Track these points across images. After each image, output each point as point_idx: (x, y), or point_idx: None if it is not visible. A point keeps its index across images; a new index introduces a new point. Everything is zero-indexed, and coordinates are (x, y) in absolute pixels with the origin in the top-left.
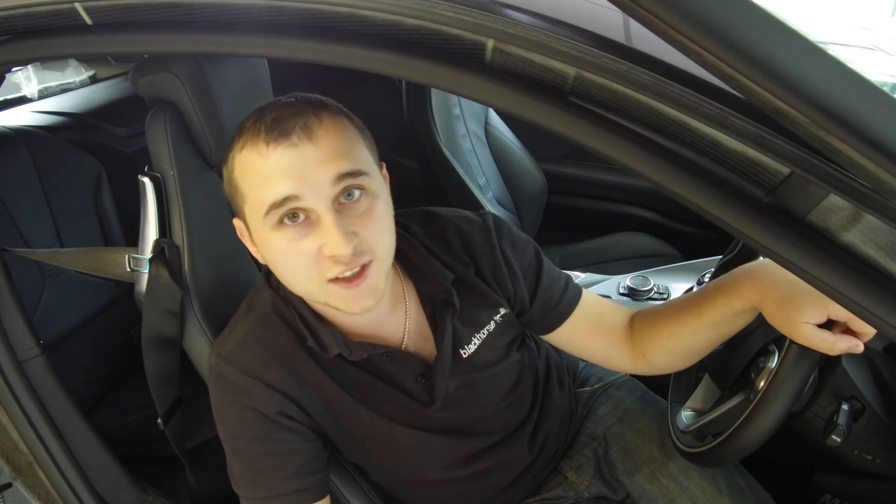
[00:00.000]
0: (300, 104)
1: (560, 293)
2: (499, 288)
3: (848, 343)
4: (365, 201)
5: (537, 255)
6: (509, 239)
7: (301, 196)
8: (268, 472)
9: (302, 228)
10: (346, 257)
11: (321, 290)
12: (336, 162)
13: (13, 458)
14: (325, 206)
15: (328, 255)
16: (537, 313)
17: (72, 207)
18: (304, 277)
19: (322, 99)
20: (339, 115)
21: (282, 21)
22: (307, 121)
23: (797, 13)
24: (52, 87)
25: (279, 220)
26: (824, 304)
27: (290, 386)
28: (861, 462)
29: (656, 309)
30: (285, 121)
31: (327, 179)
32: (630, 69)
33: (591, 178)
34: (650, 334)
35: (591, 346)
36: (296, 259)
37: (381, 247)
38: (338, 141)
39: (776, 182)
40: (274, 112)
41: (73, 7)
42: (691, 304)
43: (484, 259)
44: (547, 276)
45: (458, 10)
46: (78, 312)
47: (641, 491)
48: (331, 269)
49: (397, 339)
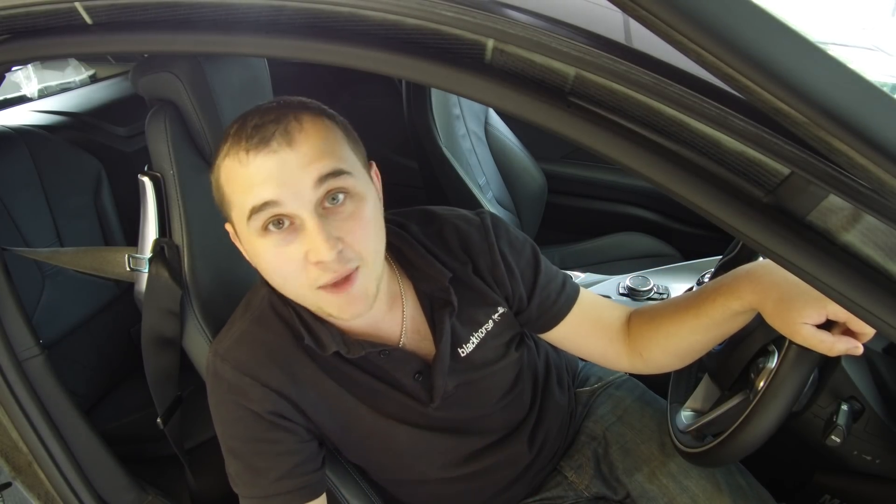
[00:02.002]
0: (281, 108)
1: (557, 292)
2: (497, 287)
3: (847, 344)
4: (350, 205)
5: (535, 253)
6: (507, 238)
7: (281, 202)
8: (263, 472)
9: (287, 234)
10: (332, 263)
11: (313, 296)
12: (316, 164)
13: (13, 457)
14: (308, 212)
15: (313, 261)
16: (535, 312)
17: (72, 207)
18: (294, 283)
19: (304, 101)
20: (321, 116)
21: (282, 21)
22: (287, 126)
23: (797, 13)
24: (52, 87)
25: (264, 227)
26: (823, 305)
27: (287, 385)
28: (861, 462)
29: (654, 308)
30: (265, 127)
31: (308, 183)
32: (630, 69)
33: (591, 178)
34: (648, 333)
35: (589, 344)
36: (284, 265)
37: (368, 252)
38: (318, 142)
39: (776, 182)
40: (255, 118)
41: (73, 6)
42: (690, 304)
43: (482, 257)
44: (545, 274)
45: (458, 9)
46: (78, 312)
47: (641, 490)
48: (319, 276)
49: (395, 337)
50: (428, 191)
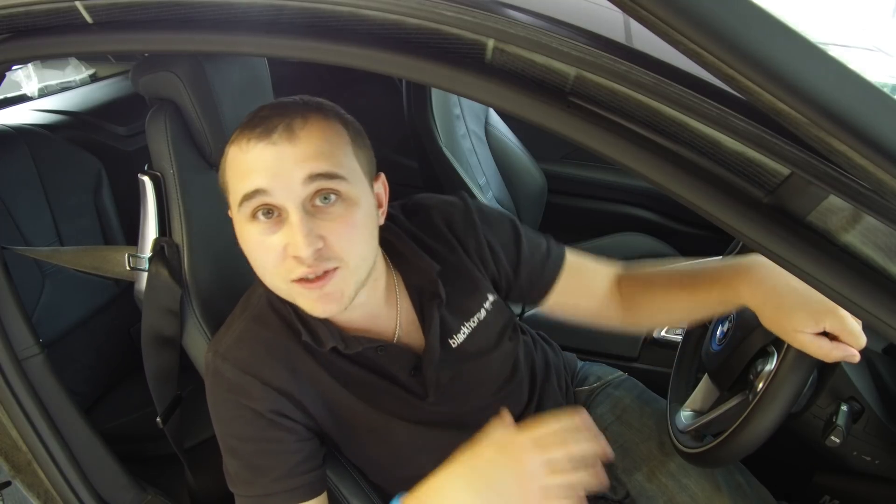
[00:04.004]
0: (292, 105)
1: (543, 261)
2: (483, 267)
3: (843, 352)
4: (340, 207)
5: (514, 227)
6: (486, 217)
7: (271, 192)
8: (263, 471)
9: (273, 225)
10: (308, 259)
11: (286, 287)
12: (311, 162)
13: (12, 456)
14: (294, 205)
15: (291, 254)
16: (525, 284)
17: (72, 206)
18: (271, 273)
19: (321, 102)
20: (332, 119)
21: (282, 20)
22: (291, 121)
23: (797, 14)
24: (53, 86)
25: (252, 214)
26: (820, 317)
27: (288, 383)
28: (860, 463)
29: (648, 277)
30: (272, 119)
31: (299, 178)
32: (630, 69)
33: (591, 178)
34: (641, 301)
35: (581, 305)
36: (264, 254)
37: (350, 255)
38: (318, 142)
39: (776, 183)
40: (267, 110)
41: (73, 5)
42: (685, 282)
43: (468, 238)
44: (527, 246)
45: (459, 9)
46: (77, 311)
47: (640, 489)
48: (294, 269)
49: (390, 331)
50: (428, 190)
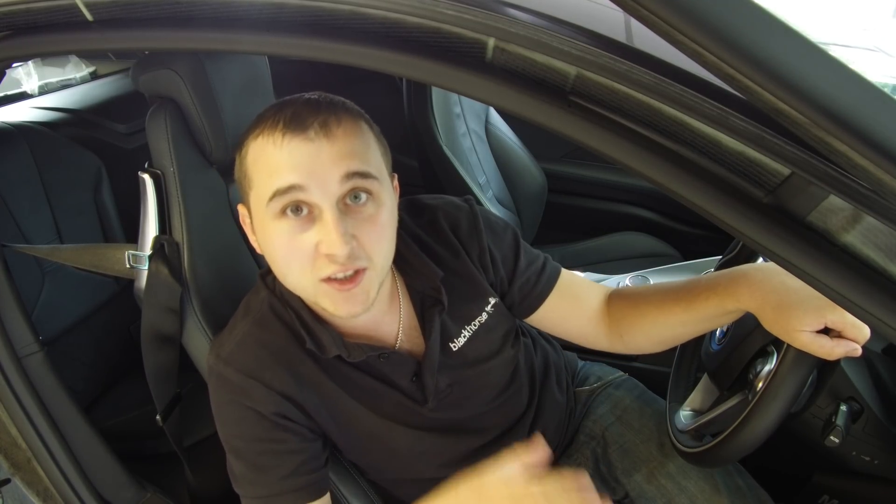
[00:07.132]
0: (322, 103)
1: (537, 275)
2: (483, 273)
3: (845, 348)
4: (371, 207)
5: (515, 238)
6: (490, 224)
7: (307, 188)
8: (267, 471)
9: (303, 222)
10: (342, 258)
11: (313, 287)
12: (347, 160)
13: (11, 454)
14: (329, 203)
15: (324, 252)
16: (517, 296)
17: (71, 204)
18: (297, 272)
19: (345, 102)
20: (359, 119)
21: (283, 18)
22: (326, 119)
23: (798, 14)
24: (53, 84)
25: (282, 210)
26: (822, 314)
27: (290, 386)
28: (859, 463)
29: (639, 294)
30: (305, 116)
31: (336, 176)
32: (631, 69)
33: (591, 177)
34: (632, 318)
35: (569, 324)
36: (293, 252)
37: (378, 255)
38: (353, 140)
39: (776, 183)
40: (296, 107)
41: (73, 3)
42: (679, 296)
43: (472, 243)
44: (525, 259)
45: (460, 8)
46: (77, 309)
47: (640, 490)
48: (325, 267)
49: (392, 337)
50: (428, 189)
